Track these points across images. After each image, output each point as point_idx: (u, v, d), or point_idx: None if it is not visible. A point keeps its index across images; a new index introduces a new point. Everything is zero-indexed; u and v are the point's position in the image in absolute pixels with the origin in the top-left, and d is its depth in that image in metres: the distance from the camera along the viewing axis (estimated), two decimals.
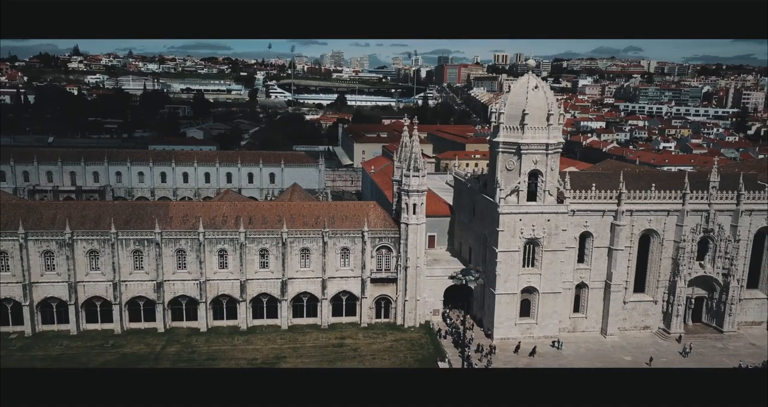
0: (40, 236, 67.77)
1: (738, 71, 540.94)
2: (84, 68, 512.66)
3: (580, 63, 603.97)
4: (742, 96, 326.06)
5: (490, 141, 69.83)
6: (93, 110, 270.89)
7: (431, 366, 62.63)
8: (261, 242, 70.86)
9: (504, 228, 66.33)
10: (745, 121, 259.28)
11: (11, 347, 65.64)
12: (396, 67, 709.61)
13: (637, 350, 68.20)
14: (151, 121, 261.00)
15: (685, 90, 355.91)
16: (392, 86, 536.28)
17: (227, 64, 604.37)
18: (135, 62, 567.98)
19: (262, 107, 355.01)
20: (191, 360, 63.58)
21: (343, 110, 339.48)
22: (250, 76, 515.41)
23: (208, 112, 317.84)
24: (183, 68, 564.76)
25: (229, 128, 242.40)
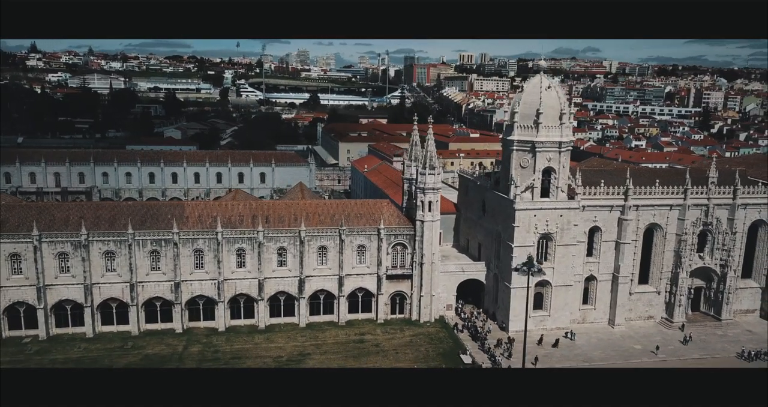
0: (55, 237, 66.63)
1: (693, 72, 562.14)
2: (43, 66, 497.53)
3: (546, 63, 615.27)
4: (702, 96, 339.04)
5: (504, 139, 71.88)
6: (61, 109, 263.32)
7: (454, 359, 64.29)
8: (279, 240, 71.26)
9: (519, 224, 68.48)
10: (708, 120, 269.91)
11: (28, 351, 64.44)
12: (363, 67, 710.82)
13: (644, 339, 71.34)
14: (123, 121, 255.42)
15: (649, 90, 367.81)
16: (362, 85, 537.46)
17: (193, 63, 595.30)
18: (97, 60, 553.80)
19: (234, 106, 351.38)
20: (216, 359, 63.64)
21: (317, 110, 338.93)
22: (218, 75, 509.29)
23: (180, 111, 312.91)
24: (147, 67, 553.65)
25: (206, 127, 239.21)
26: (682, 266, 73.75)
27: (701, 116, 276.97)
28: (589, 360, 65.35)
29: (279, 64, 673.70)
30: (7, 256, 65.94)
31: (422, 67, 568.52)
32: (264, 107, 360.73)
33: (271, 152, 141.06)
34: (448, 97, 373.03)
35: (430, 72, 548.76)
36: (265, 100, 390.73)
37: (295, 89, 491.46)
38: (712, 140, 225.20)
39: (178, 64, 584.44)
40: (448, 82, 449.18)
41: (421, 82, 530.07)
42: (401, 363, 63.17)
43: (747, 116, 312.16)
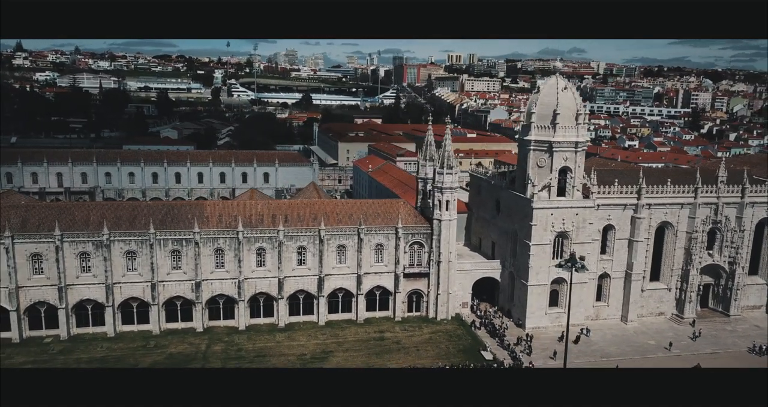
0: (77, 237, 66.66)
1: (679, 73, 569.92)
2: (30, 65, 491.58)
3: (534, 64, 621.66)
4: (690, 97, 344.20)
5: (520, 139, 73.09)
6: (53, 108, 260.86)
7: (475, 356, 65.35)
8: (299, 239, 71.87)
9: (537, 222, 69.74)
10: (698, 120, 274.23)
11: (51, 350, 64.45)
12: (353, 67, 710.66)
13: (657, 334, 72.97)
14: (117, 120, 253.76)
15: (638, 91, 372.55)
16: (352, 85, 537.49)
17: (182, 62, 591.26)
18: (84, 59, 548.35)
19: (227, 106, 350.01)
20: (240, 357, 64.11)
21: (310, 110, 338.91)
22: (208, 75, 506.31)
23: (172, 111, 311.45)
24: (136, 66, 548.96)
25: (201, 127, 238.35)
26: (693, 263, 75.52)
27: (691, 116, 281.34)
28: (606, 355, 66.75)
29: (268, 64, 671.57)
30: (28, 256, 65.86)
31: (412, 67, 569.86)
32: (257, 106, 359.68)
33: (274, 152, 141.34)
34: (441, 98, 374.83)
35: (420, 72, 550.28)
36: (257, 100, 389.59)
37: (285, 89, 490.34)
38: (703, 140, 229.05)
39: (167, 63, 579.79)
40: (439, 83, 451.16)
41: (411, 83, 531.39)
42: (423, 360, 64.08)
43: (734, 116, 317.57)
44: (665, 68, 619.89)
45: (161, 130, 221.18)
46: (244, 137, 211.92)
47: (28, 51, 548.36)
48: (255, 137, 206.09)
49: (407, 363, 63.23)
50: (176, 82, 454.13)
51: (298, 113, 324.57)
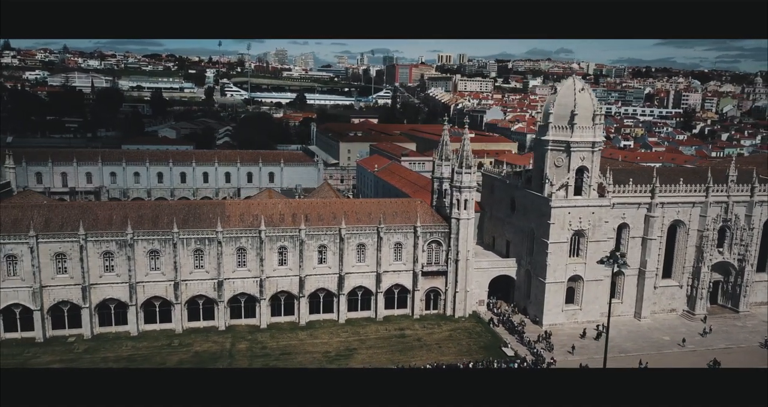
0: (101, 236, 66.88)
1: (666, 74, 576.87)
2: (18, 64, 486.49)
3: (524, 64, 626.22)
4: (681, 97, 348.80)
5: (537, 139, 74.39)
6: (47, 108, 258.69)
7: (497, 352, 66.49)
8: (320, 238, 72.58)
9: (554, 221, 71.02)
10: (691, 121, 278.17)
11: (76, 350, 64.65)
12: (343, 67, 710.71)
13: (670, 330, 74.58)
14: (112, 120, 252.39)
15: (630, 91, 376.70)
16: (344, 85, 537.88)
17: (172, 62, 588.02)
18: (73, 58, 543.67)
19: (221, 105, 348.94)
20: (266, 355, 64.73)
21: (304, 109, 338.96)
22: (200, 74, 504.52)
23: (166, 111, 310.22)
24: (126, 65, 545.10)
25: (196, 127, 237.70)
26: (704, 260, 77.25)
27: (683, 116, 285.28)
28: (624, 351, 68.16)
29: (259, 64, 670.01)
30: (52, 255, 66.00)
31: (404, 67, 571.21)
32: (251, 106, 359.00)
33: (279, 152, 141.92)
34: (435, 98, 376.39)
35: (412, 72, 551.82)
36: (251, 100, 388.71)
37: (277, 89, 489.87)
38: (696, 141, 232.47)
39: (157, 62, 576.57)
40: (432, 83, 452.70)
41: (403, 83, 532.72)
42: (446, 357, 65.10)
43: (724, 116, 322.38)
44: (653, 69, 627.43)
45: (159, 130, 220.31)
46: (242, 137, 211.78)
47: (16, 49, 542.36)
48: (254, 137, 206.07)
49: (431, 359, 64.21)
50: (168, 81, 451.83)
51: (293, 113, 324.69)
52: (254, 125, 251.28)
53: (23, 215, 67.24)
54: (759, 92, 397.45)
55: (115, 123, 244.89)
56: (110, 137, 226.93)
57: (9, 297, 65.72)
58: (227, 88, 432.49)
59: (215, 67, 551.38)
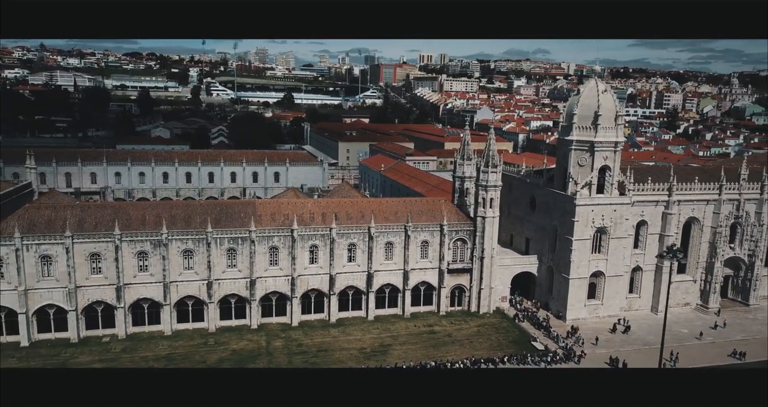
0: (135, 236, 67.07)
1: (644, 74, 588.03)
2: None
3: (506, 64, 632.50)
4: (663, 98, 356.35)
5: (561, 139, 76.47)
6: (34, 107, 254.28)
7: (527, 347, 68.35)
8: (350, 237, 73.66)
9: (579, 218, 73.17)
10: (675, 121, 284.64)
11: (113, 349, 64.78)
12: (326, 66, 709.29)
13: (687, 323, 77.38)
14: (102, 119, 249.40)
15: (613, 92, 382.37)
16: (329, 84, 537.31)
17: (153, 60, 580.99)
18: (52, 56, 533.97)
19: (208, 105, 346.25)
20: (303, 352, 65.63)
21: (293, 109, 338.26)
22: (183, 73, 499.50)
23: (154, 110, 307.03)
24: (106, 64, 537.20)
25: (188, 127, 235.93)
26: (717, 256, 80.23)
27: (667, 116, 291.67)
28: (647, 344, 70.57)
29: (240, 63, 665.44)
30: (87, 256, 66.01)
31: (388, 67, 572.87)
32: (239, 106, 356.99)
33: (284, 152, 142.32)
34: (423, 98, 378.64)
35: (396, 72, 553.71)
36: (238, 99, 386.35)
37: (262, 88, 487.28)
38: (682, 140, 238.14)
39: (139, 61, 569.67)
40: (418, 83, 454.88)
41: (388, 82, 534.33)
42: (479, 352, 66.71)
43: (705, 116, 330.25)
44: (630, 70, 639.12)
45: (152, 129, 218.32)
46: (237, 137, 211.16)
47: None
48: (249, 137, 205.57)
49: (464, 354, 65.76)
50: (152, 80, 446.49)
51: (282, 113, 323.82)
52: (247, 124, 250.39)
53: (56, 215, 67.12)
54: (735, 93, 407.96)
55: (104, 123, 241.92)
56: (101, 136, 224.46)
57: (43, 298, 65.58)
58: (213, 87, 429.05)
59: (198, 66, 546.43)
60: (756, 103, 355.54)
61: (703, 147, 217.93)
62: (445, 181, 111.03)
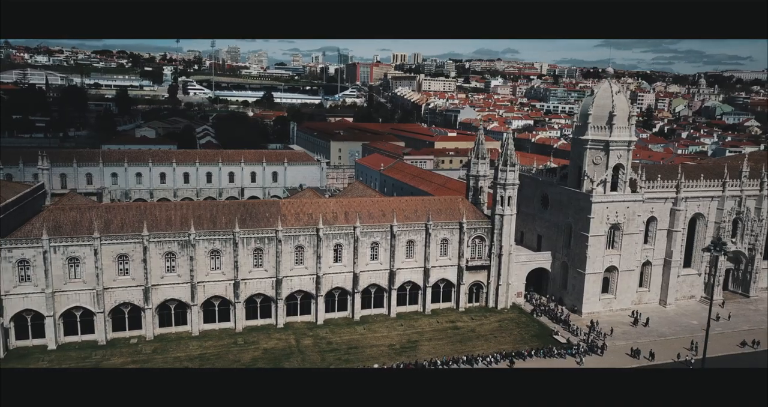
0: (163, 237, 66.84)
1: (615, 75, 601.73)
2: None
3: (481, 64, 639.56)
4: (637, 98, 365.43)
5: (575, 139, 78.83)
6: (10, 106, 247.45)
7: (549, 340, 70.40)
8: (372, 235, 74.65)
9: (594, 215, 75.56)
10: (650, 120, 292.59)
11: (143, 351, 64.51)
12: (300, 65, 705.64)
13: (695, 315, 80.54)
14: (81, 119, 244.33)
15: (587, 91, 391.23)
16: (306, 83, 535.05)
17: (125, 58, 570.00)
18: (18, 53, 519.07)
19: (187, 104, 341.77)
20: (335, 350, 66.41)
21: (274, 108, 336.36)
22: (157, 72, 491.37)
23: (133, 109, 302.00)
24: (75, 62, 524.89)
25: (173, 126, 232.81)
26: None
27: (644, 116, 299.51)
28: (662, 335, 73.41)
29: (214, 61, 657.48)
30: (114, 257, 65.56)
31: (364, 66, 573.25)
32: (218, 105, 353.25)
33: (283, 152, 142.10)
34: (404, 97, 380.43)
35: (373, 71, 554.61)
36: (217, 98, 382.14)
37: (238, 87, 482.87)
38: (661, 139, 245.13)
39: (110, 59, 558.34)
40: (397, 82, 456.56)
41: (365, 82, 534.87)
42: (504, 346, 68.51)
43: (677, 116, 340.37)
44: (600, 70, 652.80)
45: (136, 129, 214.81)
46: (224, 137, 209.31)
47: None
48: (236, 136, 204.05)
49: (491, 349, 67.45)
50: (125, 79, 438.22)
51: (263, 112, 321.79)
52: (232, 124, 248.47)
53: (82, 216, 66.49)
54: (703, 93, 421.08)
55: (84, 122, 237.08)
56: (83, 136, 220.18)
57: (70, 300, 64.93)
58: (190, 86, 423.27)
59: (172, 64, 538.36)
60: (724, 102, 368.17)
61: (681, 146, 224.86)
62: (449, 180, 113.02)
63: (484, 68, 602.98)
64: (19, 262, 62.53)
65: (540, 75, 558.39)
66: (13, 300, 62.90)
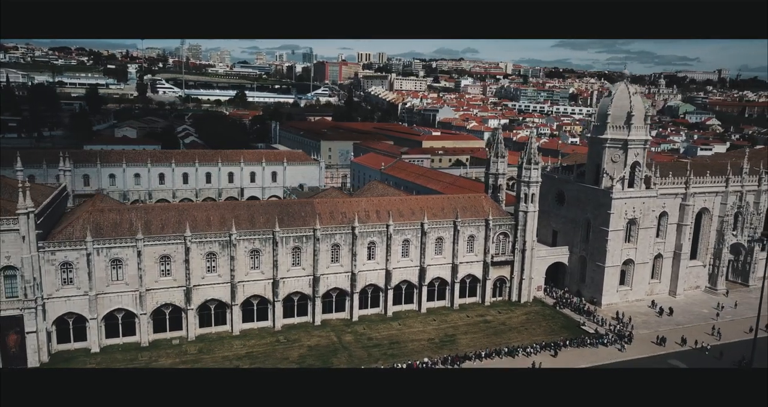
0: (204, 238, 66.95)
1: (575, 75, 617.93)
2: None
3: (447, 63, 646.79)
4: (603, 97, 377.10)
5: (594, 138, 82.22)
6: None
7: (578, 331, 73.55)
8: (404, 233, 76.28)
9: (614, 211, 79.19)
10: None
11: (190, 352, 64.51)
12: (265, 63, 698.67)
13: (703, 304, 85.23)
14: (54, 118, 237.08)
15: (556, 91, 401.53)
16: (274, 82, 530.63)
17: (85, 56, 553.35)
18: None
19: (158, 103, 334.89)
20: (377, 345, 67.82)
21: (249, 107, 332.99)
22: (121, 70, 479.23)
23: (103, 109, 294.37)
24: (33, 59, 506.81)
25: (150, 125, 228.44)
26: (724, 242, 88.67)
27: None
28: (679, 323, 77.55)
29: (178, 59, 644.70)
30: (157, 258, 65.33)
31: (333, 65, 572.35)
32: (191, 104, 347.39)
33: (281, 151, 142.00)
34: (378, 96, 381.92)
35: (341, 70, 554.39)
36: (188, 97, 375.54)
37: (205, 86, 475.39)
38: None
39: (69, 56, 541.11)
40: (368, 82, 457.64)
41: (334, 80, 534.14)
42: (537, 337, 71.27)
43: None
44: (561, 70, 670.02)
45: (116, 129, 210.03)
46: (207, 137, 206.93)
47: None
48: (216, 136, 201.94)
49: (526, 340, 70.09)
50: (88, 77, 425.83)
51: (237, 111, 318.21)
52: (211, 123, 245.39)
53: (121, 218, 65.98)
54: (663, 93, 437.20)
55: (58, 122, 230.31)
56: (59, 136, 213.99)
57: (113, 302, 64.42)
58: (159, 85, 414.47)
59: (136, 62, 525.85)
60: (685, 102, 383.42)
61: (654, 143, 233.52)
62: (457, 178, 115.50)
63: (451, 68, 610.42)
64: (62, 265, 61.75)
65: (506, 75, 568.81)
66: (55, 304, 62.06)
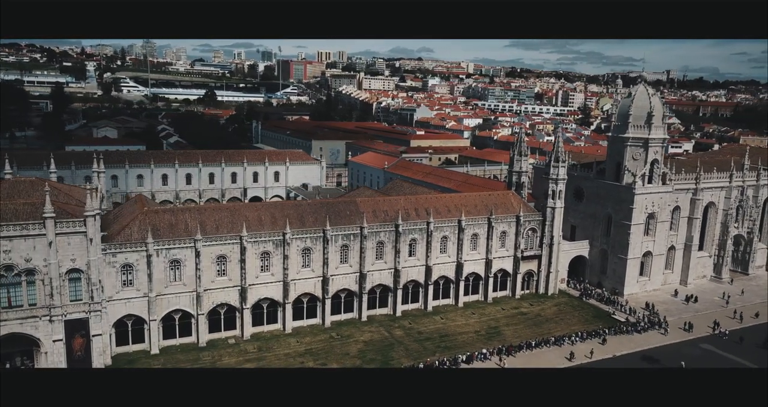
0: (259, 237, 67.57)
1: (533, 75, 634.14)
2: None
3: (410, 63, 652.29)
4: (568, 96, 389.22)
5: (615, 136, 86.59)
6: None
7: (609, 320, 77.65)
8: (443, 230, 78.66)
9: (636, 206, 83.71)
10: (589, 118, 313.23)
11: (249, 350, 65.09)
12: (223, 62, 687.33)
13: (712, 292, 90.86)
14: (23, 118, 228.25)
15: (522, 91, 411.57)
16: (239, 81, 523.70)
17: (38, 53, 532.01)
18: None
19: (125, 102, 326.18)
20: (429, 339, 69.94)
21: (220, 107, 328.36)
22: (79, 68, 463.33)
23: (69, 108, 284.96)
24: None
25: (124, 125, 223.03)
26: (728, 234, 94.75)
27: (582, 113, 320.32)
28: (697, 310, 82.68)
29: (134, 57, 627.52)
30: (214, 259, 65.61)
31: (298, 64, 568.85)
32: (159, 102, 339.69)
33: (286, 151, 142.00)
34: (350, 96, 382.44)
35: (306, 69, 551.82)
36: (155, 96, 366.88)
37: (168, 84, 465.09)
38: (604, 136, 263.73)
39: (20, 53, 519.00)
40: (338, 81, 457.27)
41: (299, 79, 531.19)
42: (575, 327, 74.87)
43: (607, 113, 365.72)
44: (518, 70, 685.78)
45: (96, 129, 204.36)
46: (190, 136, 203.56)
47: None
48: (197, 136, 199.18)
49: (565, 330, 73.56)
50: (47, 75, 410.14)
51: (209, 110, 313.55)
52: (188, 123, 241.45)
53: (176, 219, 65.95)
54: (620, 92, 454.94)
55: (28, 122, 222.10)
56: (31, 137, 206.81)
57: (171, 304, 64.39)
58: (123, 83, 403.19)
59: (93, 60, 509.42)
60: None
61: None
62: (470, 176, 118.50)
63: (414, 67, 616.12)
64: (122, 267, 61.40)
65: (468, 74, 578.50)
66: (115, 306, 61.66)
